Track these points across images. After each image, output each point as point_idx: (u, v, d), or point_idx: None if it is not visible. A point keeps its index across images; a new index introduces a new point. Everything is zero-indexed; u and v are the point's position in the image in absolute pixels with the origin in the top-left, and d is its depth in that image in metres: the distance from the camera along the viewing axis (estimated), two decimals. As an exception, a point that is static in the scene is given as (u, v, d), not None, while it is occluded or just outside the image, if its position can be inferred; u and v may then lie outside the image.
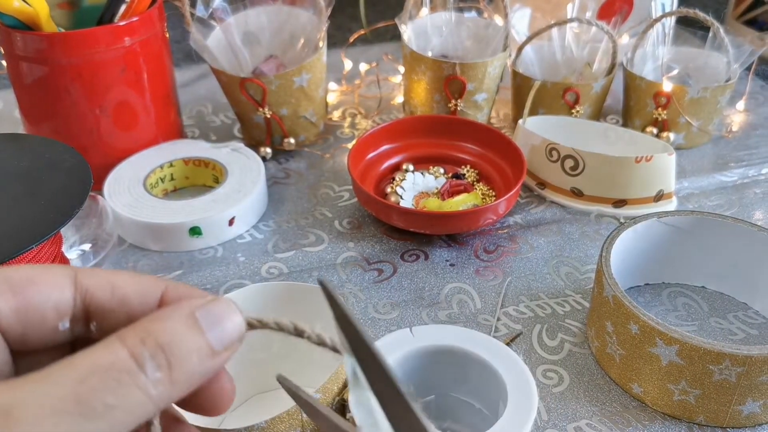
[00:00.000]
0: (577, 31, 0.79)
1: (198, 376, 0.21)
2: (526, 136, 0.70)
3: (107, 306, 0.22)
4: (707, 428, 0.47)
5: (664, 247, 0.56)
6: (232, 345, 0.22)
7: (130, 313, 0.22)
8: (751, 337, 0.54)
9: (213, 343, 0.21)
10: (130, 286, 0.23)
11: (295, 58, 0.76)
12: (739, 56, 0.74)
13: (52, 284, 0.21)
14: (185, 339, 0.20)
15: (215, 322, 0.22)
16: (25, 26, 0.61)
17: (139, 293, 0.23)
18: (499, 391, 0.41)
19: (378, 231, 0.66)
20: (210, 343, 0.21)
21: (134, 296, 0.22)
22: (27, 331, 0.21)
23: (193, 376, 0.21)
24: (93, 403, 0.18)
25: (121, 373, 0.19)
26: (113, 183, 0.66)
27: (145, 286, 0.23)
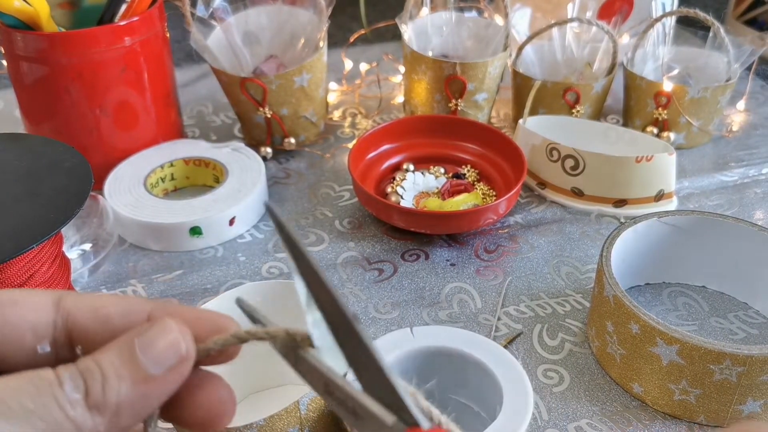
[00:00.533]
0: (578, 31, 0.79)
1: (138, 402, 0.21)
2: (527, 136, 0.70)
3: (90, 328, 0.22)
4: (708, 428, 0.47)
5: (664, 246, 0.56)
6: (174, 368, 0.21)
7: (114, 335, 0.22)
8: (752, 336, 0.54)
9: (148, 368, 0.21)
10: (113, 307, 0.22)
11: (296, 57, 0.76)
12: (739, 56, 0.74)
13: (32, 306, 0.21)
14: (111, 367, 0.21)
15: (150, 346, 0.21)
16: (25, 26, 0.61)
17: (123, 314, 0.22)
18: (496, 395, 0.41)
19: (378, 231, 0.66)
20: (145, 368, 0.21)
21: (118, 318, 0.22)
22: (4, 351, 0.21)
23: (130, 403, 0.21)
24: (9, 402, 0.19)
25: (42, 381, 0.20)
26: (114, 183, 0.66)
27: (129, 307, 0.22)
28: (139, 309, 0.23)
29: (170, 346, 0.21)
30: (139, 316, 0.23)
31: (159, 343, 0.21)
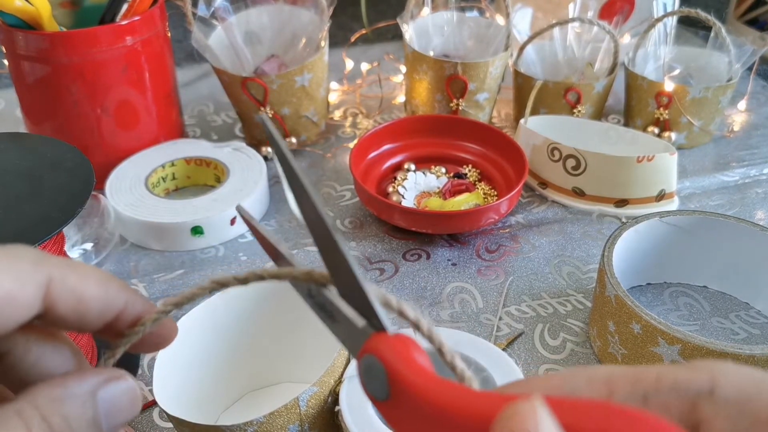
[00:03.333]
0: (579, 31, 0.79)
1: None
2: (528, 136, 0.70)
3: (67, 317, 0.22)
4: (709, 428, 0.47)
5: (665, 246, 0.56)
6: (122, 422, 0.23)
7: (82, 324, 0.23)
8: (753, 336, 0.54)
9: (104, 425, 0.23)
10: (94, 302, 0.22)
11: (297, 57, 0.76)
12: (740, 56, 0.74)
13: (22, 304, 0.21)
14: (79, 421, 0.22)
15: (114, 407, 0.23)
16: (27, 25, 0.62)
17: (100, 311, 0.23)
18: None
19: (380, 230, 0.66)
20: (100, 422, 0.22)
21: (94, 313, 0.23)
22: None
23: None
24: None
25: None
26: (115, 182, 0.66)
27: (108, 302, 0.23)
28: (115, 303, 0.23)
29: (129, 406, 0.23)
30: (112, 311, 0.23)
31: (120, 402, 0.23)
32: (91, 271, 0.23)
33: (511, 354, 0.53)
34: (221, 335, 0.46)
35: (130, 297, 0.24)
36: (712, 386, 0.18)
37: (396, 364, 0.20)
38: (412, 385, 0.20)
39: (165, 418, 0.48)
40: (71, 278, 0.22)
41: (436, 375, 0.20)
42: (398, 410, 0.20)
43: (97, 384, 0.23)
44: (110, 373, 0.23)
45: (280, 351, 0.49)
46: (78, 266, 0.23)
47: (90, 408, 0.22)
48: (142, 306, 0.24)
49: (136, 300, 0.24)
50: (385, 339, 0.21)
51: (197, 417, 0.38)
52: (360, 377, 0.22)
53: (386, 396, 0.21)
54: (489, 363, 0.42)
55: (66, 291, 0.22)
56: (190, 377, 0.44)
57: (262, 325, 0.47)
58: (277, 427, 0.38)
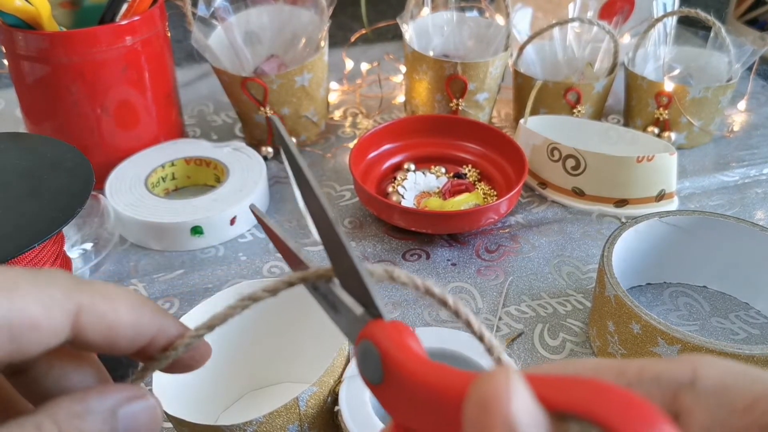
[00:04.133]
0: (579, 31, 0.79)
1: None
2: (528, 136, 0.70)
3: (94, 343, 0.22)
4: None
5: (665, 246, 0.56)
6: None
7: (113, 349, 0.23)
8: (753, 336, 0.54)
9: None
10: (125, 329, 0.22)
11: (297, 57, 0.76)
12: (740, 56, 0.74)
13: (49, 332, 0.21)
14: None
15: (134, 425, 0.23)
16: (26, 25, 0.62)
17: (132, 338, 0.23)
18: None
19: (379, 230, 0.66)
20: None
21: (126, 340, 0.23)
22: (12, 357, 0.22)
23: None
24: None
25: None
26: (115, 182, 0.66)
27: (140, 328, 0.23)
28: (147, 331, 0.23)
29: (149, 424, 0.23)
30: (143, 339, 0.23)
31: (141, 419, 0.23)
32: (124, 297, 0.22)
33: (510, 354, 0.53)
34: (221, 335, 0.46)
35: (164, 322, 0.23)
36: (693, 378, 0.19)
37: (389, 348, 0.21)
38: (404, 367, 0.20)
39: (164, 418, 0.48)
40: (102, 306, 0.22)
41: (427, 359, 0.21)
42: (392, 393, 0.21)
43: (118, 401, 0.23)
44: (133, 391, 0.23)
45: (280, 351, 0.49)
46: (111, 291, 0.22)
47: (109, 425, 0.22)
48: (176, 330, 0.24)
49: (169, 324, 0.24)
50: (381, 325, 0.22)
51: (197, 417, 0.38)
52: (357, 362, 0.23)
53: (380, 379, 0.21)
54: (488, 363, 0.42)
55: (96, 318, 0.22)
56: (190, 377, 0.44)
57: (262, 325, 0.47)
58: (277, 427, 0.38)
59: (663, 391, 0.19)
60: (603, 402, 0.16)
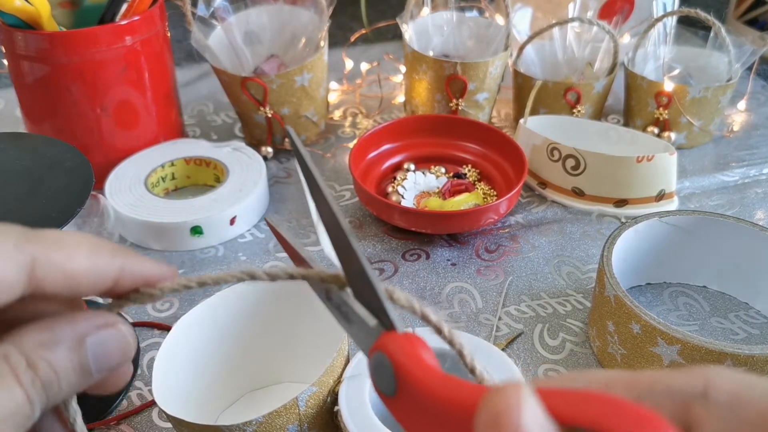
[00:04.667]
0: (579, 31, 0.79)
1: (74, 390, 0.22)
2: (528, 136, 0.70)
3: (54, 293, 0.21)
4: (709, 428, 0.47)
5: (665, 246, 0.56)
6: (114, 369, 0.23)
7: (76, 296, 0.22)
8: (753, 336, 0.54)
9: (93, 372, 0.22)
10: (84, 276, 0.22)
11: (297, 57, 0.76)
12: (740, 56, 0.74)
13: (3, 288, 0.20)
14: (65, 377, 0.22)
15: (101, 354, 0.22)
16: (26, 25, 0.61)
17: (93, 282, 0.22)
18: None
19: (379, 230, 0.66)
20: (91, 372, 0.22)
21: (86, 286, 0.22)
22: None
23: (69, 391, 0.22)
24: None
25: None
26: (114, 182, 0.66)
27: (100, 272, 0.22)
28: (108, 273, 0.22)
29: (119, 354, 0.23)
30: (106, 282, 0.22)
31: (110, 349, 0.22)
32: (79, 242, 0.22)
33: (510, 354, 0.53)
34: (221, 335, 0.46)
35: (126, 262, 0.23)
36: (705, 389, 0.19)
37: (403, 360, 0.21)
38: (417, 380, 0.20)
39: (164, 418, 0.48)
40: (57, 255, 0.21)
41: (441, 371, 0.21)
42: (405, 405, 0.21)
43: (86, 330, 0.22)
44: (103, 318, 0.23)
45: (280, 351, 0.49)
46: (65, 239, 0.22)
47: (77, 354, 0.22)
48: (142, 267, 0.23)
49: (133, 263, 0.23)
50: (394, 337, 0.22)
51: (196, 417, 0.38)
52: (370, 374, 0.23)
53: (394, 392, 0.21)
54: (488, 363, 0.42)
55: (52, 269, 0.21)
56: (190, 377, 0.44)
57: (261, 325, 0.47)
58: (277, 427, 0.38)
59: (674, 403, 0.19)
60: (614, 416, 0.16)
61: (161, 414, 0.48)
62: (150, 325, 0.56)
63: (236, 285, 0.46)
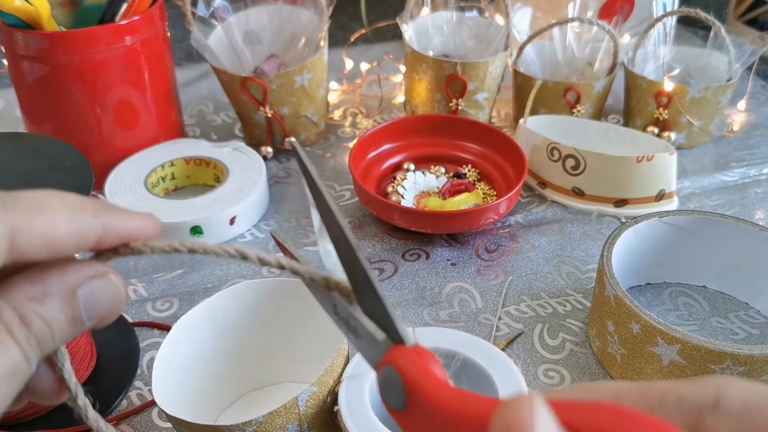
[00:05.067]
0: (579, 31, 0.79)
1: (67, 340, 0.23)
2: (528, 136, 0.70)
3: (37, 260, 0.21)
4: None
5: (665, 246, 0.56)
6: (104, 318, 0.23)
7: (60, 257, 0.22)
8: (753, 336, 0.54)
9: (85, 321, 0.22)
10: (66, 239, 0.21)
11: (297, 57, 0.76)
12: (740, 56, 0.74)
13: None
14: (58, 329, 0.22)
15: (92, 304, 0.22)
16: (26, 25, 0.61)
17: (76, 244, 0.22)
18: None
19: (379, 230, 0.66)
20: (83, 321, 0.22)
21: (69, 248, 0.22)
22: None
23: (62, 341, 0.22)
24: None
25: None
26: (114, 182, 0.66)
27: (83, 233, 0.22)
28: (90, 234, 0.22)
29: (110, 304, 0.23)
30: (89, 242, 0.22)
31: (101, 299, 0.22)
32: (59, 205, 0.21)
33: (510, 354, 0.53)
34: (221, 335, 0.46)
35: (110, 218, 0.22)
36: (716, 400, 0.19)
37: (413, 374, 0.21)
38: (427, 393, 0.20)
39: (164, 418, 0.48)
40: (38, 222, 0.21)
41: (450, 385, 0.21)
42: (415, 420, 0.21)
43: (78, 281, 0.22)
44: (93, 268, 0.23)
45: (280, 351, 0.49)
46: (45, 202, 0.21)
47: (69, 306, 0.22)
48: (129, 224, 0.23)
49: (117, 219, 0.23)
50: (404, 351, 0.22)
51: (196, 417, 0.38)
52: (379, 388, 0.22)
53: (403, 406, 0.21)
54: (488, 363, 0.42)
55: (34, 237, 0.20)
56: (190, 377, 0.44)
57: (261, 325, 0.47)
58: (276, 427, 0.38)
59: (686, 414, 0.19)
60: (628, 427, 0.16)
61: (161, 414, 0.48)
62: (150, 325, 0.56)
63: (236, 285, 0.46)
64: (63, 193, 0.22)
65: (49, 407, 0.48)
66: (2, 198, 0.20)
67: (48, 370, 0.24)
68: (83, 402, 0.23)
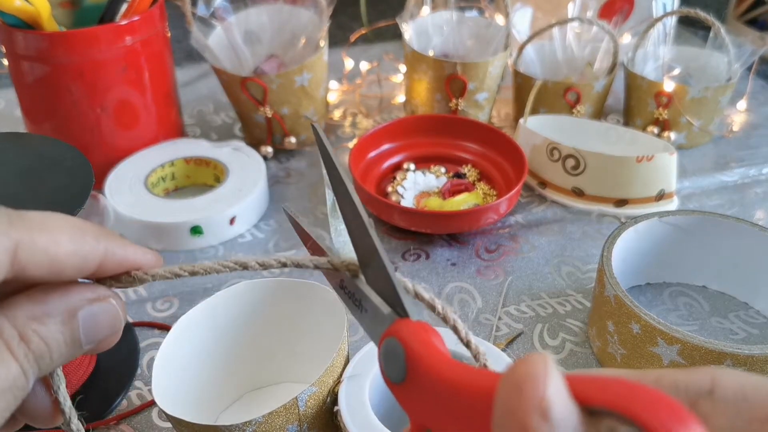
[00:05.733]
0: (578, 31, 0.79)
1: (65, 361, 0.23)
2: (528, 136, 0.70)
3: (38, 277, 0.21)
4: (708, 428, 0.47)
5: (665, 246, 0.56)
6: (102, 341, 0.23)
7: (60, 279, 0.22)
8: (752, 336, 0.54)
9: (84, 344, 0.23)
10: (68, 259, 0.22)
11: (296, 57, 0.76)
12: (740, 56, 0.74)
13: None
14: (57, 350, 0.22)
15: (92, 327, 0.23)
16: (26, 25, 0.61)
17: (77, 266, 0.22)
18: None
19: (379, 230, 0.66)
20: (81, 344, 0.23)
21: (70, 270, 0.22)
22: None
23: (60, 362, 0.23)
24: None
25: None
26: (114, 182, 0.66)
27: (84, 256, 0.22)
28: (92, 258, 0.22)
29: (109, 328, 0.23)
30: (90, 267, 0.22)
31: (101, 322, 0.23)
32: (63, 226, 0.22)
33: (510, 354, 0.53)
34: (221, 335, 0.46)
35: (112, 245, 0.23)
36: (712, 386, 0.19)
37: (415, 345, 0.21)
38: (429, 365, 0.21)
39: (164, 418, 0.48)
40: (41, 239, 0.21)
41: (452, 358, 0.21)
42: (414, 392, 0.21)
43: (78, 303, 0.22)
44: (96, 291, 0.23)
45: (280, 351, 0.49)
46: (49, 222, 0.21)
47: (68, 328, 0.22)
48: (130, 253, 0.23)
49: (119, 247, 0.23)
50: (407, 323, 0.22)
51: (196, 417, 0.38)
52: (379, 360, 0.23)
53: (403, 378, 0.21)
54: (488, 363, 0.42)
55: (36, 254, 0.21)
56: (190, 377, 0.44)
57: (261, 325, 0.47)
58: (276, 427, 0.38)
59: (680, 400, 0.19)
60: (636, 399, 0.16)
61: (161, 414, 0.48)
62: (150, 325, 0.56)
63: (236, 285, 0.46)
64: (68, 216, 0.22)
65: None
66: (8, 213, 0.21)
67: (44, 392, 0.24)
68: (77, 427, 0.24)
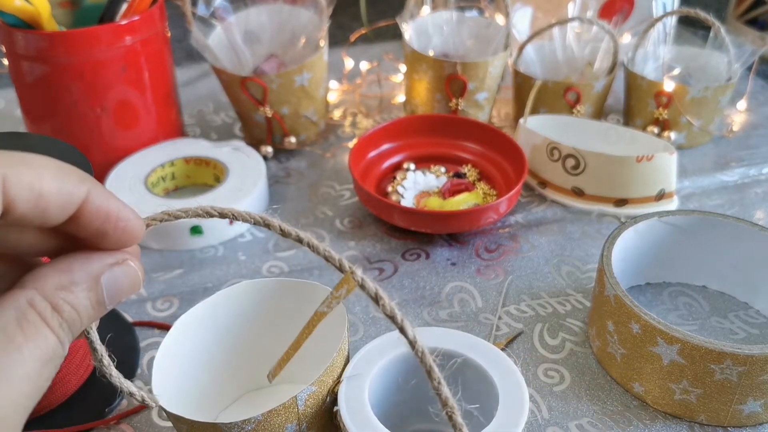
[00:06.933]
0: (579, 31, 0.79)
1: (93, 321, 0.25)
2: (528, 136, 0.70)
3: (27, 213, 0.22)
4: (708, 427, 0.47)
5: (665, 246, 0.56)
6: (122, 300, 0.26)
7: (44, 220, 0.23)
8: (752, 336, 0.54)
9: (108, 304, 0.25)
10: (53, 196, 0.22)
11: (296, 57, 0.76)
12: (740, 56, 0.74)
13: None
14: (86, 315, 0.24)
15: (115, 289, 0.25)
16: (26, 25, 0.61)
17: (61, 204, 0.23)
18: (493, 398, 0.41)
19: (379, 230, 0.66)
20: (107, 305, 0.25)
21: (55, 207, 0.23)
22: None
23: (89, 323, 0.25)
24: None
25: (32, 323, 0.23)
26: (114, 182, 0.66)
27: (68, 194, 0.23)
28: (75, 197, 0.23)
29: (130, 288, 0.26)
30: (73, 204, 0.23)
31: (122, 284, 0.25)
32: (47, 164, 0.23)
33: (510, 353, 0.53)
34: (221, 335, 0.46)
35: (95, 189, 0.24)
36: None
37: None
38: None
39: (164, 417, 0.48)
40: (26, 174, 0.22)
41: None
42: None
43: (101, 268, 0.24)
44: (114, 257, 0.25)
45: (280, 351, 0.48)
46: (33, 160, 0.22)
47: (94, 293, 0.24)
48: (113, 203, 0.24)
49: (101, 193, 0.24)
50: None
51: (196, 416, 0.38)
52: None
53: None
54: (488, 363, 0.42)
55: (23, 188, 0.22)
56: (189, 376, 0.44)
57: (261, 325, 0.47)
58: (275, 426, 0.38)
59: None
60: None
61: (161, 413, 0.48)
62: (150, 325, 0.56)
63: (236, 284, 0.46)
64: (52, 158, 0.23)
65: (48, 407, 0.48)
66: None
67: None
68: (108, 362, 0.27)
